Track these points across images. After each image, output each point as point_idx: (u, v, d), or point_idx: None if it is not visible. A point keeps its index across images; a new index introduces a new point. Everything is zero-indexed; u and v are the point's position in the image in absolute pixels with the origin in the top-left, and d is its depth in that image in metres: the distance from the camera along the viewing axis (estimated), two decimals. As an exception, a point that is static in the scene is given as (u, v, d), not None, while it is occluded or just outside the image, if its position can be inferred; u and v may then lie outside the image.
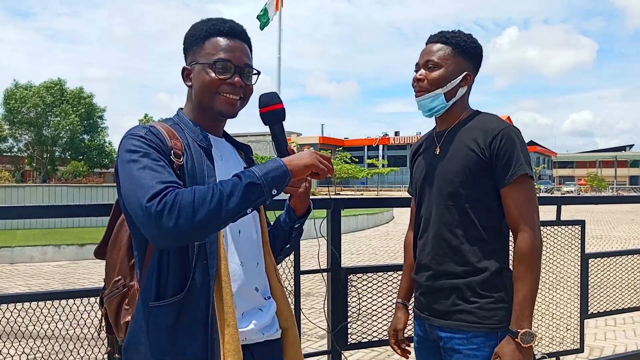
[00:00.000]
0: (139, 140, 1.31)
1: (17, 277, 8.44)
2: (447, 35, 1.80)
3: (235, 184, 1.23)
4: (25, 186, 16.47)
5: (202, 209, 1.19)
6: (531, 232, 1.68)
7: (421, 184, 1.89)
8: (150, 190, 1.20)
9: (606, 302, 3.14)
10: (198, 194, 1.20)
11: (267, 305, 1.50)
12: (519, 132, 1.74)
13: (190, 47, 1.47)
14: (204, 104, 1.46)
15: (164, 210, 1.17)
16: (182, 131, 1.43)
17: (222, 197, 1.20)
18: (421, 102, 1.81)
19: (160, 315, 1.33)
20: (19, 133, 44.43)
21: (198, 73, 1.44)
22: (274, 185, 1.27)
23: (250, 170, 1.27)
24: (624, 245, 12.89)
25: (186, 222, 1.18)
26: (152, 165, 1.26)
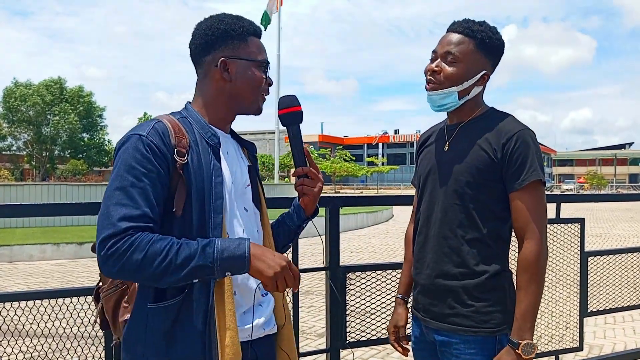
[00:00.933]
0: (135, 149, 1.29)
1: (16, 276, 8.43)
2: (472, 27, 1.67)
3: (188, 260, 1.22)
4: (25, 184, 16.46)
5: (147, 269, 1.21)
6: (538, 241, 1.61)
7: (425, 179, 1.82)
8: (109, 229, 1.22)
9: (605, 300, 3.13)
10: (150, 252, 1.21)
11: (267, 300, 1.51)
12: (535, 136, 1.66)
13: (226, 40, 1.43)
14: (245, 99, 1.47)
15: (113, 256, 1.21)
16: (190, 126, 1.41)
17: (169, 266, 1.22)
18: (432, 96, 1.71)
19: (158, 317, 1.32)
20: (18, 131, 44.44)
21: (245, 69, 1.44)
22: (228, 269, 1.26)
23: (213, 246, 1.24)
24: (623, 243, 12.89)
25: (127, 274, 1.24)
26: (129, 188, 1.25)
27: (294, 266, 1.31)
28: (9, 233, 11.85)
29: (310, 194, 1.56)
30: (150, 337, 1.32)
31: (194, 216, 1.33)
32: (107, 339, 1.96)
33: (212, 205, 1.35)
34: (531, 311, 1.60)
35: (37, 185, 16.00)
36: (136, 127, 1.35)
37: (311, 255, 9.40)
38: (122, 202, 1.24)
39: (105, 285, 1.45)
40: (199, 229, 1.33)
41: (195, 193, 1.33)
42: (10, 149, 45.95)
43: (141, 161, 1.28)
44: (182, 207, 1.31)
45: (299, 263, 2.34)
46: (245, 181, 1.50)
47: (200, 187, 1.34)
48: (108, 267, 1.22)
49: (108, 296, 1.43)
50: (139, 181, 1.26)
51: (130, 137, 1.31)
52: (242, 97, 1.47)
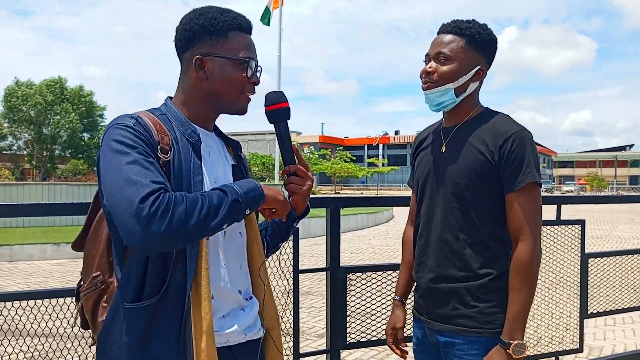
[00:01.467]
0: (127, 131, 1.24)
1: (16, 275, 8.43)
2: (461, 25, 1.71)
3: (222, 198, 1.22)
4: (25, 184, 16.47)
5: (193, 217, 1.17)
6: (532, 242, 1.62)
7: (424, 182, 1.82)
8: (143, 190, 1.14)
9: (606, 302, 3.13)
10: (189, 202, 1.18)
11: (250, 305, 1.47)
12: (531, 136, 1.67)
13: (204, 35, 1.37)
14: (223, 99, 1.41)
15: (157, 213, 1.13)
16: (169, 123, 1.36)
17: (210, 209, 1.19)
18: (429, 96, 1.73)
19: (133, 318, 1.28)
20: (19, 131, 44.45)
21: (221, 67, 1.37)
22: (250, 205, 1.28)
23: (232, 186, 1.27)
24: (623, 245, 12.88)
25: (177, 228, 1.15)
26: (142, 161, 1.20)
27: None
28: (9, 233, 11.85)
29: (299, 192, 1.48)
30: (125, 338, 1.28)
31: None
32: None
33: None
34: (523, 312, 1.61)
35: (37, 184, 16.00)
36: (117, 119, 1.29)
37: (311, 256, 9.40)
38: (142, 170, 1.18)
39: (85, 284, 1.40)
40: None
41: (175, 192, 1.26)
42: (10, 148, 45.97)
43: (137, 142, 1.23)
44: None
45: (299, 264, 2.35)
46: (229, 180, 1.44)
47: (179, 186, 1.29)
48: (154, 227, 1.13)
49: (87, 295, 1.38)
50: (147, 156, 1.22)
51: (115, 127, 1.26)
52: (221, 96, 1.41)
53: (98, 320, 1.36)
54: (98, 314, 1.36)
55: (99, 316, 1.36)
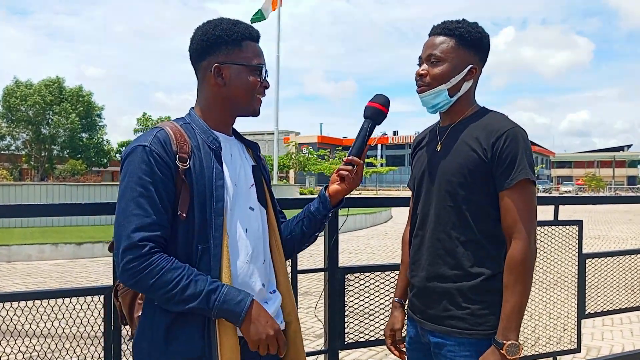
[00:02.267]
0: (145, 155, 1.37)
1: (14, 276, 8.42)
2: (450, 26, 1.71)
3: (192, 298, 1.32)
4: (23, 184, 16.45)
5: (155, 293, 1.33)
6: (526, 241, 1.60)
7: (419, 180, 1.82)
8: (125, 241, 1.32)
9: (603, 302, 3.14)
10: (159, 282, 1.32)
11: (273, 298, 1.54)
12: (525, 134, 1.66)
13: (221, 45, 1.49)
14: (241, 102, 1.52)
15: (129, 271, 1.32)
16: (192, 131, 1.47)
17: (173, 298, 1.32)
18: (424, 98, 1.74)
19: (161, 314, 1.38)
20: (17, 131, 44.37)
21: (238, 74, 1.49)
22: (223, 316, 1.36)
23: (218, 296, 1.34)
24: (621, 245, 12.90)
25: (140, 290, 1.41)
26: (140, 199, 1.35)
27: (282, 336, 1.42)
28: (7, 233, 11.83)
29: (349, 181, 1.66)
30: (154, 334, 1.39)
31: (196, 219, 1.39)
32: (106, 339, 1.97)
33: (214, 207, 1.41)
34: (517, 312, 1.60)
35: (35, 185, 15.97)
36: (140, 137, 1.43)
37: (310, 256, 9.41)
38: (134, 213, 1.33)
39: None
40: (201, 231, 1.40)
41: (197, 196, 1.40)
42: (9, 148, 45.89)
43: (146, 171, 1.36)
44: (186, 211, 1.38)
45: (297, 264, 2.35)
46: (250, 181, 1.55)
47: (202, 190, 1.40)
48: (124, 278, 1.34)
49: (124, 293, 1.52)
50: (147, 191, 1.35)
51: (135, 149, 1.39)
52: (237, 100, 1.52)
53: (135, 316, 1.50)
54: (135, 310, 1.50)
55: (135, 312, 1.50)
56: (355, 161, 1.66)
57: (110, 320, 1.97)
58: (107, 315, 1.97)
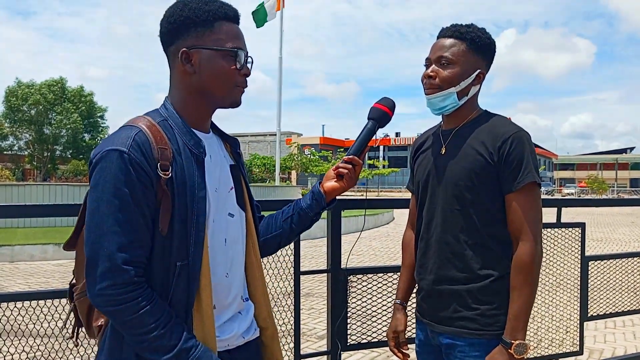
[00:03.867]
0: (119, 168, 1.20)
1: (17, 276, 8.44)
2: (461, 29, 1.71)
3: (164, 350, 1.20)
4: (26, 184, 16.48)
5: (126, 331, 1.21)
6: (533, 242, 1.62)
7: (424, 184, 1.83)
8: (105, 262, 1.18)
9: (606, 304, 3.14)
10: (135, 322, 1.19)
11: (246, 307, 1.46)
12: (529, 137, 1.67)
13: (189, 27, 1.31)
14: (215, 92, 1.34)
15: (105, 298, 1.18)
16: (171, 131, 1.30)
17: (142, 343, 1.20)
18: (432, 100, 1.73)
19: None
20: (20, 131, 44.49)
21: (209, 59, 1.31)
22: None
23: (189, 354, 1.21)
24: (624, 247, 12.88)
25: (111, 318, 1.23)
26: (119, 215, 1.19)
27: None
28: (10, 233, 11.85)
29: (347, 180, 1.60)
30: (127, 348, 1.26)
31: (175, 234, 1.25)
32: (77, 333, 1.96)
33: (194, 222, 1.26)
34: (524, 312, 1.62)
35: (38, 185, 16.00)
36: (113, 138, 1.24)
37: (312, 257, 9.41)
38: (112, 230, 1.18)
39: (79, 286, 1.38)
40: (180, 246, 1.26)
41: (178, 210, 1.25)
42: (11, 149, 46.02)
43: (124, 182, 1.19)
44: (167, 226, 1.24)
45: (300, 265, 2.35)
46: (229, 184, 1.42)
47: (183, 202, 1.25)
48: (98, 303, 1.20)
49: (82, 299, 1.36)
50: (126, 204, 1.19)
51: (109, 154, 1.21)
52: (211, 90, 1.34)
53: (94, 325, 1.36)
54: (93, 318, 1.36)
55: (94, 320, 1.36)
56: (356, 160, 1.61)
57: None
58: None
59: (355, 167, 1.61)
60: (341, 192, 1.63)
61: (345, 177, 1.60)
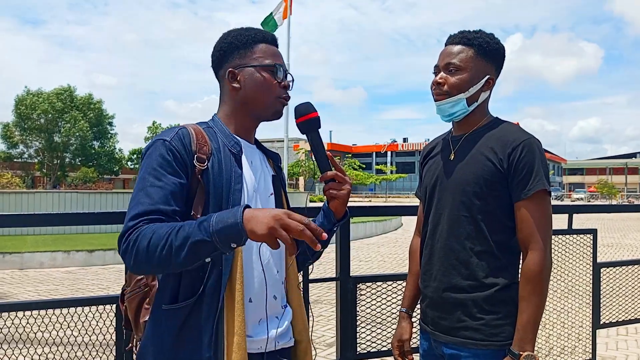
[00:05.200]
0: (161, 148, 1.36)
1: (26, 283, 8.48)
2: (468, 35, 1.71)
3: (186, 239, 1.19)
4: (36, 192, 16.59)
5: (154, 256, 1.22)
6: (543, 251, 1.59)
7: (432, 189, 1.81)
8: (123, 227, 1.28)
9: (618, 311, 3.10)
10: (153, 240, 1.22)
11: (285, 313, 1.51)
12: (540, 145, 1.65)
13: (233, 51, 1.50)
14: (258, 104, 1.49)
15: (126, 250, 1.25)
16: (214, 135, 1.45)
17: (171, 249, 1.20)
18: (441, 106, 1.72)
19: (169, 319, 1.35)
20: (30, 139, 44.90)
21: (252, 75, 1.48)
22: (229, 239, 1.19)
23: (209, 221, 1.20)
24: (635, 253, 12.77)
25: (142, 265, 1.26)
26: (149, 189, 1.31)
27: (294, 215, 1.17)
28: (19, 240, 11.93)
29: (338, 197, 1.55)
30: (162, 338, 1.35)
31: None
32: (117, 346, 1.97)
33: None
34: (533, 322, 1.58)
35: (47, 192, 16.11)
36: (162, 133, 1.41)
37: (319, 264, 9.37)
38: (140, 201, 1.30)
39: (129, 287, 1.49)
40: None
41: (213, 198, 1.36)
42: (22, 156, 46.42)
43: (162, 164, 1.34)
44: (200, 212, 1.35)
45: (309, 273, 2.34)
46: (269, 190, 1.53)
47: (218, 192, 1.37)
48: (126, 262, 1.27)
49: (131, 297, 1.47)
50: (158, 180, 1.32)
51: (155, 142, 1.38)
52: (255, 102, 1.49)
53: (140, 321, 1.45)
54: (141, 315, 1.46)
55: (141, 317, 1.45)
56: (330, 176, 1.53)
57: (121, 329, 1.97)
58: (119, 323, 1.96)
59: (336, 181, 1.53)
60: (344, 207, 1.60)
61: (333, 194, 1.54)
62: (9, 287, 8.07)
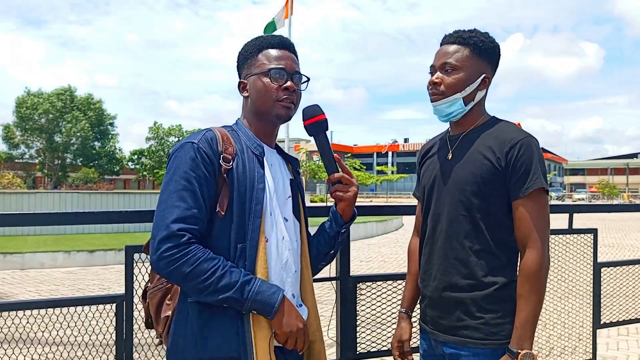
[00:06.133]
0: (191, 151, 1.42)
1: (27, 283, 8.48)
2: (464, 35, 1.71)
3: (224, 289, 1.35)
4: (37, 192, 16.61)
5: (190, 282, 1.35)
6: (541, 250, 1.59)
7: (430, 189, 1.81)
8: (164, 231, 1.35)
9: (619, 311, 3.09)
10: (196, 270, 1.34)
11: (301, 311, 1.53)
12: (538, 143, 1.66)
13: (244, 62, 1.58)
14: (261, 109, 1.54)
15: (165, 260, 1.34)
16: (238, 137, 1.52)
17: (209, 287, 1.34)
18: (438, 106, 1.72)
19: (197, 312, 1.40)
20: (31, 140, 44.95)
21: (254, 82, 1.54)
22: (255, 309, 1.38)
23: (251, 286, 1.37)
24: (636, 253, 12.75)
25: (173, 280, 1.40)
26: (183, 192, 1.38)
27: (307, 331, 1.46)
28: (20, 241, 11.94)
29: (345, 198, 1.60)
30: (189, 331, 1.41)
31: (234, 218, 1.42)
32: (117, 346, 1.97)
33: (252, 208, 1.43)
34: (531, 321, 1.58)
35: (48, 193, 16.12)
36: (189, 136, 1.48)
37: (321, 264, 9.35)
38: (175, 204, 1.37)
39: (152, 284, 1.55)
40: (239, 230, 1.42)
41: (238, 196, 1.43)
42: (23, 157, 46.46)
43: (192, 166, 1.40)
44: (224, 208, 1.41)
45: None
46: (287, 193, 1.57)
47: (242, 191, 1.43)
48: (159, 268, 1.35)
49: (153, 293, 1.53)
50: (190, 184, 1.39)
51: (184, 145, 1.44)
52: (260, 108, 1.54)
53: (162, 316, 1.51)
54: (162, 310, 1.52)
55: (162, 312, 1.51)
56: (337, 177, 1.59)
57: (122, 329, 1.97)
58: (119, 323, 1.97)
59: (342, 182, 1.60)
60: (351, 208, 1.65)
61: (339, 196, 1.61)
62: (9, 288, 8.07)
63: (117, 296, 1.99)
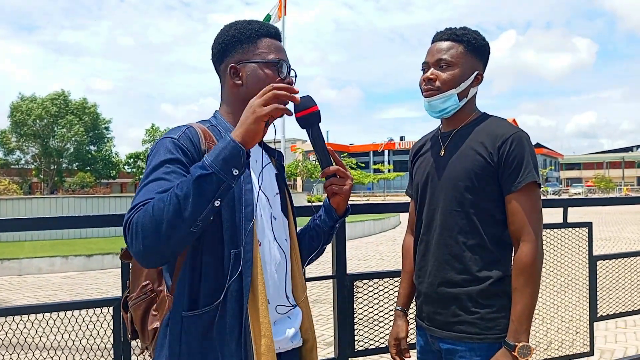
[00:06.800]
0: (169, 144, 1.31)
1: (25, 289, 8.46)
2: (457, 32, 1.72)
3: (187, 182, 1.17)
4: (33, 198, 16.55)
5: (162, 221, 1.15)
6: (534, 243, 1.61)
7: (423, 185, 1.82)
8: (129, 213, 1.21)
9: (616, 304, 3.11)
10: (156, 206, 1.16)
11: (295, 313, 1.50)
12: (529, 138, 1.67)
13: (236, 45, 1.44)
14: None
15: (132, 236, 1.17)
16: (219, 134, 1.41)
17: (177, 201, 1.15)
18: (432, 102, 1.72)
19: (193, 325, 1.31)
20: (26, 145, 44.80)
21: (254, 71, 1.42)
22: (230, 165, 1.18)
23: (202, 160, 1.19)
24: (632, 246, 12.79)
25: (152, 241, 1.16)
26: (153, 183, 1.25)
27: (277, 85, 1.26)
28: (18, 246, 11.90)
29: (340, 192, 1.53)
30: (185, 347, 1.30)
31: (224, 223, 1.32)
32: (115, 350, 1.97)
33: (243, 212, 1.34)
34: (527, 313, 1.60)
35: (45, 198, 16.07)
36: (169, 132, 1.36)
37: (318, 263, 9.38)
38: (140, 194, 1.25)
39: (134, 294, 1.42)
40: (232, 235, 1.32)
41: (225, 200, 1.29)
42: (18, 162, 46.32)
43: (170, 159, 1.28)
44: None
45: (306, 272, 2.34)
46: (275, 190, 1.51)
47: (230, 193, 1.30)
48: (135, 248, 1.18)
49: (137, 304, 1.40)
50: (165, 174, 1.26)
51: (163, 140, 1.33)
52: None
53: (148, 328, 1.39)
54: (148, 322, 1.39)
55: (149, 324, 1.39)
56: (332, 170, 1.51)
57: (119, 332, 1.97)
58: (116, 327, 1.97)
59: (338, 176, 1.53)
60: (346, 203, 1.59)
61: (335, 190, 1.53)
62: (7, 294, 8.05)
63: (114, 299, 1.99)
